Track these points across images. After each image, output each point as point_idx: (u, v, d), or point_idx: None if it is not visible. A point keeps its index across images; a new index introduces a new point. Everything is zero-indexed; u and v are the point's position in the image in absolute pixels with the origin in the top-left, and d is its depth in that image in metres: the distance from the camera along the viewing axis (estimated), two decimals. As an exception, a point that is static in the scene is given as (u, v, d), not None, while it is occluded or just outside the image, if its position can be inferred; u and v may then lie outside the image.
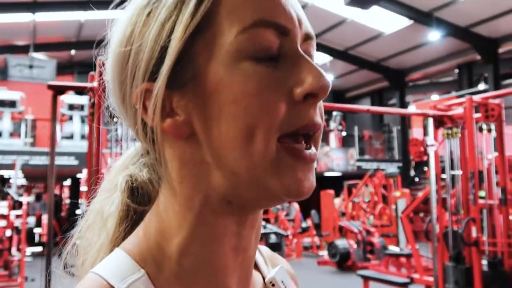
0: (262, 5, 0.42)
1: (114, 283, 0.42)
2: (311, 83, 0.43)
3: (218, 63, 0.42)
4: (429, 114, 5.08)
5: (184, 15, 0.43)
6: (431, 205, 5.17)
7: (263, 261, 0.58)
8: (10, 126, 13.09)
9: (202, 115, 0.43)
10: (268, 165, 0.42)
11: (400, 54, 16.24)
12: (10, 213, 7.96)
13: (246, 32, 0.42)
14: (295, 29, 0.44)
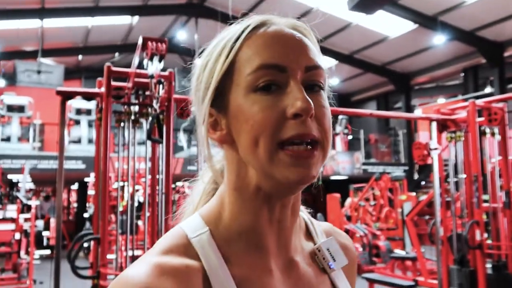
0: (265, 53, 0.60)
1: (188, 233, 0.62)
2: (298, 106, 0.57)
3: (238, 94, 0.61)
4: (433, 118, 5.13)
5: (219, 64, 0.62)
6: (435, 208, 5.21)
7: (319, 233, 0.74)
8: (19, 131, 13.24)
9: (233, 130, 0.62)
10: (271, 161, 0.58)
11: (406, 58, 16.26)
12: (19, 216, 8.06)
13: (253, 74, 0.59)
14: (293, 65, 0.60)
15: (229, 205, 0.64)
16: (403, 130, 17.80)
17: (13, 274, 7.49)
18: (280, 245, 0.65)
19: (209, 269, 0.58)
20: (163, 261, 0.56)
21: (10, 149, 12.53)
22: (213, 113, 0.64)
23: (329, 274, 0.70)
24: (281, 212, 0.64)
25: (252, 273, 0.62)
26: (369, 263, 8.99)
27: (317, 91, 0.62)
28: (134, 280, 0.53)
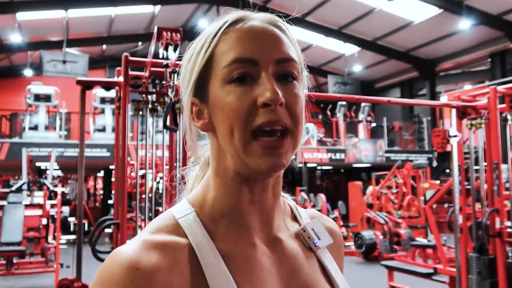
0: (239, 48, 0.64)
1: (176, 215, 0.67)
2: (267, 96, 0.62)
3: (215, 86, 0.66)
4: (452, 104, 5.06)
5: (199, 58, 0.68)
6: (454, 196, 5.16)
7: (305, 217, 0.78)
8: (46, 120, 13.58)
9: (213, 117, 0.67)
10: (245, 150, 0.63)
11: (430, 44, 15.95)
12: (46, 202, 8.32)
13: (227, 67, 0.64)
14: (264, 58, 0.64)
15: (213, 188, 0.69)
16: (427, 117, 17.53)
17: (41, 258, 7.75)
18: (263, 224, 0.69)
19: (195, 245, 0.63)
20: (152, 238, 0.61)
21: (38, 137, 12.88)
22: (197, 103, 0.69)
23: (315, 252, 0.74)
24: (261, 194, 0.68)
25: (237, 247, 0.66)
26: (389, 251, 8.97)
27: (290, 81, 0.66)
28: (124, 254, 0.58)
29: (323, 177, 22.55)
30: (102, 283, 0.58)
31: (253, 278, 0.65)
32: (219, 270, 0.62)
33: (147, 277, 0.57)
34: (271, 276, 0.67)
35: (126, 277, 0.56)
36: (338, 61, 18.84)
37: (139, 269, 0.57)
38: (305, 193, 13.53)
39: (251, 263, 0.66)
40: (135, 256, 0.58)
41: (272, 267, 0.68)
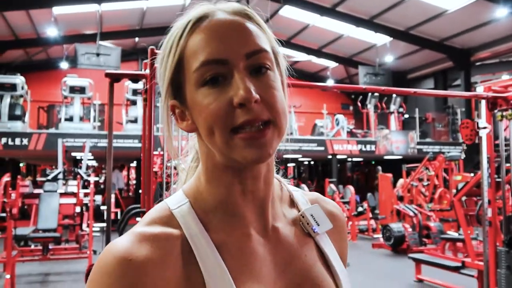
0: (207, 49, 0.63)
1: (170, 206, 0.68)
2: (241, 96, 0.61)
3: (190, 89, 0.66)
4: (482, 95, 4.95)
5: (169, 61, 0.68)
6: (482, 189, 5.06)
7: (304, 202, 0.78)
8: (81, 111, 13.98)
9: (194, 119, 0.68)
10: (227, 147, 0.64)
11: (465, 33, 15.51)
12: (79, 191, 8.60)
13: (198, 70, 0.64)
14: (233, 57, 0.63)
15: (204, 181, 0.70)
16: (461, 108, 17.11)
17: (76, 244, 8.04)
18: (257, 214, 0.70)
19: (189, 236, 0.64)
20: (145, 230, 0.63)
21: (73, 128, 13.28)
22: (177, 105, 0.69)
23: (314, 237, 0.74)
24: (253, 184, 0.68)
25: (231, 238, 0.67)
26: (418, 244, 8.87)
27: (264, 72, 0.64)
28: (118, 247, 0.60)
29: (354, 168, 22.37)
30: (96, 274, 0.60)
31: (247, 268, 0.66)
32: (214, 260, 0.63)
33: (139, 269, 0.59)
34: (266, 265, 0.68)
35: (118, 268, 0.58)
36: (369, 52, 18.57)
37: (131, 261, 0.59)
38: (334, 184, 13.49)
39: (245, 253, 0.67)
40: (128, 248, 0.60)
41: (267, 256, 0.68)
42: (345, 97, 23.48)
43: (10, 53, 17.39)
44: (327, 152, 15.46)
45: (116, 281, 0.58)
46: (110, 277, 0.58)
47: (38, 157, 16.31)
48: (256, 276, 0.66)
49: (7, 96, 12.92)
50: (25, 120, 13.28)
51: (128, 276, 0.58)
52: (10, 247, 5.70)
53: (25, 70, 17.54)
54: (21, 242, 7.82)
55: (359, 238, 11.63)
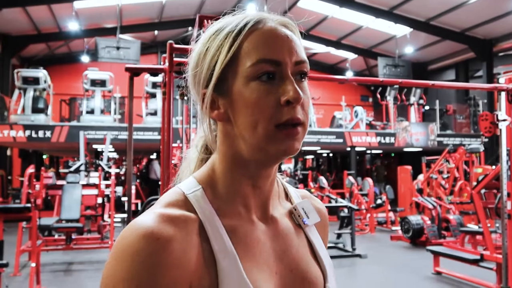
0: (263, 49, 0.70)
1: (185, 191, 0.73)
2: (291, 95, 0.69)
3: (239, 82, 0.71)
4: (502, 87, 4.90)
5: (222, 54, 0.72)
6: (502, 181, 5.02)
7: (296, 197, 0.86)
8: (101, 104, 14.20)
9: (232, 110, 0.72)
10: (268, 140, 0.70)
11: (488, 23, 15.22)
12: (101, 183, 8.78)
13: (253, 66, 0.70)
14: (286, 60, 0.71)
15: (219, 172, 0.75)
16: (483, 100, 16.83)
17: (98, 234, 8.22)
18: (260, 205, 0.77)
19: (204, 219, 0.69)
20: (166, 211, 0.67)
21: (94, 121, 13.51)
22: (212, 94, 0.74)
23: (303, 229, 0.82)
24: (262, 182, 0.76)
25: (239, 223, 0.73)
26: (437, 237, 8.82)
27: (303, 81, 0.73)
28: (142, 225, 0.63)
29: (373, 161, 22.23)
30: (121, 254, 0.62)
31: (251, 252, 0.72)
32: (225, 243, 0.69)
33: (166, 247, 0.62)
34: (265, 251, 0.74)
35: (145, 246, 0.61)
36: (389, 43, 18.36)
37: (159, 239, 0.62)
38: (353, 177, 13.46)
39: (250, 238, 0.73)
40: (154, 227, 0.63)
41: (268, 243, 0.75)
42: (364, 89, 23.30)
43: (33, 47, 17.72)
44: (346, 144, 15.41)
45: (146, 260, 0.61)
46: (140, 255, 0.60)
47: (60, 149, 16.64)
48: (258, 260, 0.72)
49: (31, 90, 13.20)
50: (48, 113, 13.55)
51: (156, 254, 0.61)
52: (35, 237, 5.87)
53: (47, 64, 17.89)
54: (45, 232, 8.04)
55: (377, 230, 11.61)
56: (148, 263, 0.61)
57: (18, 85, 13.30)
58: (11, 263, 6.34)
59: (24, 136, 12.72)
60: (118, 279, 0.61)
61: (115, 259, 0.63)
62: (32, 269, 5.39)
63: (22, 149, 16.71)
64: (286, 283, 0.75)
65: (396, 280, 6.74)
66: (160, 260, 0.61)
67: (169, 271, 0.62)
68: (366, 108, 18.87)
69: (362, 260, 7.93)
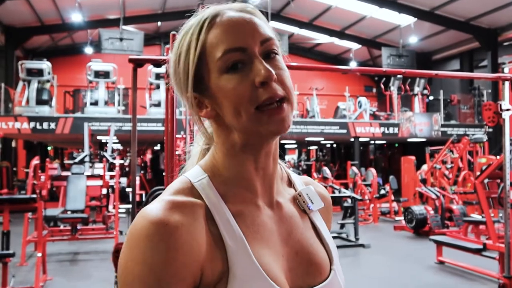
0: (227, 40, 0.72)
1: (191, 179, 0.76)
2: (262, 75, 0.71)
3: (213, 77, 0.73)
4: (505, 77, 4.88)
5: (191, 56, 0.74)
6: (505, 171, 5.02)
7: (300, 183, 0.88)
8: (105, 95, 14.22)
9: (217, 105, 0.75)
10: (253, 123, 0.72)
11: (493, 12, 15.11)
12: (105, 174, 8.82)
13: (221, 59, 0.72)
14: (250, 44, 0.72)
15: (221, 159, 0.78)
16: (488, 89, 16.74)
17: (103, 225, 8.29)
18: (265, 188, 0.79)
19: (210, 205, 0.72)
20: (174, 199, 0.70)
21: (98, 112, 13.55)
22: (196, 96, 0.76)
23: (308, 214, 0.84)
24: (265, 161, 0.78)
25: (245, 208, 0.75)
26: (440, 226, 8.85)
27: (273, 57, 0.74)
28: (151, 213, 0.67)
29: (377, 151, 22.22)
30: (134, 240, 0.66)
31: (259, 236, 0.74)
32: (232, 227, 0.71)
33: (175, 232, 0.65)
34: (273, 234, 0.77)
35: (157, 232, 0.64)
36: (393, 33, 18.27)
37: (168, 225, 0.65)
38: (356, 167, 13.48)
39: (257, 222, 0.75)
40: (163, 214, 0.66)
41: (274, 227, 0.78)
42: (368, 79, 23.21)
43: (36, 39, 17.75)
44: (350, 135, 15.40)
45: (157, 244, 0.64)
46: (151, 241, 0.64)
47: (65, 140, 16.72)
48: (266, 243, 0.75)
49: (35, 81, 13.24)
50: (52, 104, 13.59)
51: (166, 239, 0.64)
52: (41, 227, 5.93)
53: (51, 55, 17.90)
54: (51, 222, 8.12)
55: (380, 221, 11.64)
56: (159, 247, 0.64)
57: (22, 77, 13.34)
58: (17, 253, 6.42)
59: (28, 127, 12.78)
60: (134, 264, 0.65)
61: (128, 246, 0.67)
62: (38, 259, 5.45)
63: (27, 140, 16.81)
64: (293, 265, 0.77)
65: (399, 269, 6.77)
66: (170, 245, 0.65)
67: (179, 254, 0.65)
68: (370, 98, 18.83)
69: (365, 250, 7.98)
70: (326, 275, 0.79)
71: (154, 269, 0.64)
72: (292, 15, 18.62)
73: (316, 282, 0.77)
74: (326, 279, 0.78)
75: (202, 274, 0.68)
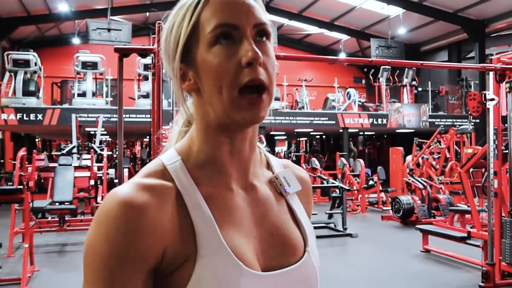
0: (221, 15, 0.72)
1: (164, 162, 0.76)
2: (249, 56, 0.70)
3: (201, 50, 0.73)
4: (489, 67, 4.94)
5: (184, 26, 0.75)
6: (488, 160, 5.10)
7: (278, 166, 0.88)
8: (93, 86, 14.11)
9: (199, 79, 0.74)
10: (232, 106, 0.71)
11: (481, 3, 15.20)
12: (93, 165, 8.78)
13: (212, 32, 0.72)
14: (243, 24, 0.72)
15: (197, 141, 0.78)
16: (475, 80, 16.88)
17: (91, 216, 8.26)
18: (240, 172, 0.79)
19: (181, 188, 0.72)
20: (143, 181, 0.70)
21: (86, 104, 13.45)
22: (182, 67, 0.76)
23: (285, 197, 0.84)
24: (240, 145, 0.77)
25: (217, 191, 0.75)
26: (427, 216, 8.95)
27: (264, 42, 0.74)
28: (121, 194, 0.67)
29: (365, 142, 22.34)
30: (101, 219, 0.67)
31: (230, 218, 0.74)
32: (202, 210, 0.72)
33: (140, 213, 0.66)
34: (246, 217, 0.77)
35: (122, 212, 0.65)
36: (382, 24, 18.32)
37: (134, 207, 0.66)
38: (345, 158, 13.55)
39: (229, 205, 0.75)
40: (130, 195, 0.67)
41: (247, 209, 0.78)
42: (357, 70, 23.28)
43: (23, 29, 17.51)
44: (339, 126, 15.47)
45: (121, 225, 0.65)
46: (117, 221, 0.65)
47: (52, 132, 16.59)
48: (238, 226, 0.75)
49: (21, 72, 13.09)
50: (39, 95, 13.46)
51: (132, 219, 0.65)
52: (28, 218, 5.90)
53: (38, 46, 17.69)
54: (39, 214, 8.08)
55: (368, 211, 11.75)
56: (124, 228, 0.65)
57: (8, 67, 13.18)
58: (5, 245, 6.40)
59: (15, 119, 12.67)
60: (97, 242, 0.66)
61: (95, 225, 0.67)
62: (25, 250, 5.44)
63: (14, 132, 16.65)
64: (267, 247, 0.77)
65: (385, 258, 6.86)
66: (135, 226, 0.65)
67: (144, 236, 0.66)
68: (359, 90, 18.92)
69: (352, 240, 8.06)
70: (300, 257, 0.79)
71: (117, 249, 0.64)
72: (282, 5, 18.59)
73: (289, 263, 0.78)
74: (299, 260, 0.79)
75: (165, 254, 0.68)
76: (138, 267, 0.66)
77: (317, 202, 13.03)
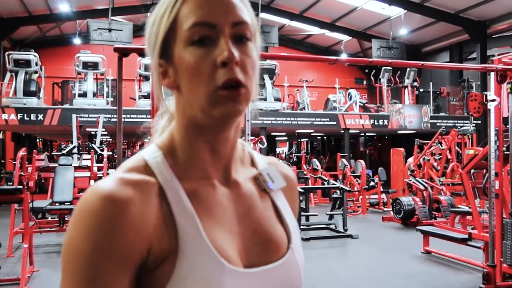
0: (199, 12, 0.71)
1: (145, 157, 0.74)
2: (225, 55, 0.69)
3: (179, 48, 0.72)
4: (491, 68, 4.91)
5: (163, 21, 0.73)
6: (490, 161, 5.07)
7: (263, 163, 0.87)
8: (94, 87, 14.11)
9: (177, 77, 0.73)
10: (210, 103, 0.70)
11: (482, 4, 15.18)
12: (93, 165, 8.77)
13: (189, 30, 0.70)
14: (221, 22, 0.70)
15: (178, 138, 0.76)
16: (477, 81, 16.85)
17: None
18: (222, 169, 0.78)
19: (164, 183, 0.71)
20: (125, 176, 0.69)
21: (87, 104, 13.45)
22: (163, 63, 0.75)
23: (269, 194, 0.83)
24: (221, 146, 0.76)
25: (199, 187, 0.74)
26: (428, 217, 8.92)
27: (244, 42, 0.72)
28: (101, 189, 0.65)
29: (367, 143, 22.32)
30: (82, 216, 0.64)
31: (212, 214, 0.73)
32: (184, 205, 0.70)
33: (122, 208, 0.64)
34: (228, 213, 0.75)
35: (105, 208, 0.63)
36: (383, 25, 18.30)
37: (116, 201, 0.64)
38: (346, 159, 13.53)
39: (211, 201, 0.74)
40: (112, 190, 0.65)
41: (229, 205, 0.76)
42: (358, 71, 23.26)
43: (24, 29, 17.53)
44: (340, 127, 15.45)
45: (105, 221, 0.63)
46: (98, 217, 0.63)
47: (53, 132, 16.59)
48: (220, 222, 0.74)
49: (22, 72, 13.10)
50: (40, 96, 13.46)
51: (115, 215, 0.63)
52: (27, 218, 5.89)
53: (39, 46, 17.71)
54: (39, 214, 8.06)
55: (369, 212, 11.72)
56: (106, 224, 0.63)
57: (9, 68, 13.19)
58: (4, 245, 6.39)
59: (16, 119, 12.66)
60: (79, 239, 0.63)
61: (75, 220, 0.65)
62: (25, 250, 5.42)
63: (15, 132, 16.66)
64: (249, 244, 0.76)
65: (385, 259, 6.83)
66: (117, 222, 0.63)
67: (126, 232, 0.64)
68: (360, 90, 18.90)
69: (353, 241, 8.03)
70: (283, 254, 0.78)
71: (99, 246, 0.62)
72: (283, 6, 18.58)
73: (272, 260, 0.76)
74: (283, 257, 0.77)
75: (150, 251, 0.67)
76: (123, 265, 0.64)
77: (318, 203, 13.02)
